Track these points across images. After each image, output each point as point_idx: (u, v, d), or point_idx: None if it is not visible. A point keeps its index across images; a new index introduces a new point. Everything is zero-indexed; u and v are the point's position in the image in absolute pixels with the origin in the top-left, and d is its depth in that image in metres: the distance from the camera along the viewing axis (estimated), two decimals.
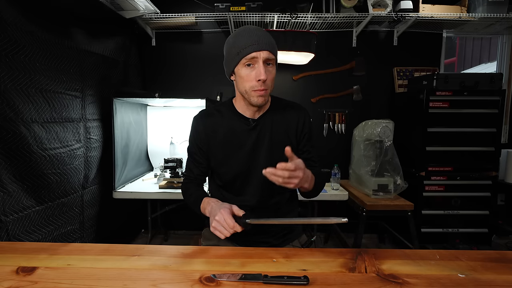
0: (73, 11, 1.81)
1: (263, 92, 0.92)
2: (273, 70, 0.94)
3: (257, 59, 0.90)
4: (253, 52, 0.89)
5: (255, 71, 0.91)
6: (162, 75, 2.77)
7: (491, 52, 4.68)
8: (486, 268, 0.74)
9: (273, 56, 0.93)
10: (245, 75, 0.92)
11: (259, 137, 1.02)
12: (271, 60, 0.92)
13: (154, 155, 2.74)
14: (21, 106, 1.40)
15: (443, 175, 2.28)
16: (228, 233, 0.85)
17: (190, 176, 1.11)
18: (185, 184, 1.12)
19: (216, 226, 0.86)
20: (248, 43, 0.89)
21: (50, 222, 1.62)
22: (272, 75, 0.94)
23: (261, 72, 0.89)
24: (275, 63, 0.96)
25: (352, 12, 2.40)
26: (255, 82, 0.91)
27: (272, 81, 0.95)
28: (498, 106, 2.22)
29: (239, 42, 0.91)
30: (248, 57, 0.90)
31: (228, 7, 2.39)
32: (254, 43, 0.89)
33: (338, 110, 2.74)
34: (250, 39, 0.90)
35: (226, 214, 0.85)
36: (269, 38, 0.92)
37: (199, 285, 0.67)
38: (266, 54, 0.90)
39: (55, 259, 0.79)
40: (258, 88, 0.91)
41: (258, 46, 0.89)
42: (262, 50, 0.89)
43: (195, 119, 1.07)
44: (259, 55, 0.89)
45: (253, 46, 0.89)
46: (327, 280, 0.68)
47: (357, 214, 2.20)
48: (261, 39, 0.90)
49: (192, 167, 1.10)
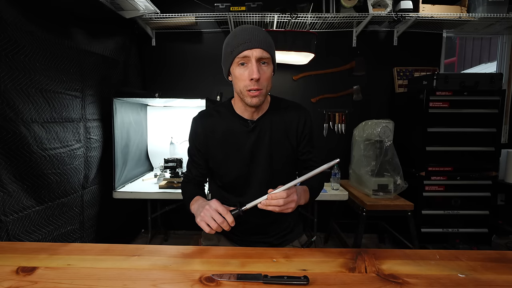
0: (73, 11, 1.81)
1: (257, 93, 0.89)
2: (268, 69, 0.91)
3: (249, 57, 0.88)
4: (245, 51, 0.87)
5: (248, 70, 0.88)
6: (162, 75, 2.77)
7: (491, 52, 4.68)
8: (486, 268, 0.74)
9: (268, 55, 0.90)
10: (239, 74, 0.90)
11: (258, 139, 1.01)
12: (265, 58, 0.89)
13: (154, 155, 2.74)
14: (21, 106, 1.40)
15: (443, 175, 2.28)
16: (215, 224, 0.83)
17: (188, 176, 1.11)
18: (184, 183, 1.13)
19: (204, 215, 0.84)
20: (240, 41, 0.88)
21: (50, 222, 1.62)
22: (267, 74, 0.91)
23: (254, 71, 0.87)
24: (271, 62, 0.93)
25: (352, 12, 2.40)
26: (248, 81, 0.88)
27: (268, 80, 0.92)
28: (498, 106, 2.22)
29: (233, 41, 0.90)
30: (241, 56, 0.88)
31: (228, 7, 2.39)
32: (247, 41, 0.87)
33: (338, 110, 2.74)
34: (243, 37, 0.88)
35: (216, 203, 0.85)
36: (264, 36, 0.90)
37: (199, 285, 0.67)
38: (259, 52, 0.87)
39: (55, 259, 0.79)
40: (252, 88, 0.89)
41: (251, 44, 0.87)
42: (254, 48, 0.87)
43: (194, 120, 1.07)
44: (252, 53, 0.87)
45: (245, 45, 0.87)
46: (327, 280, 0.68)
47: (357, 214, 2.20)
48: (254, 37, 0.87)
49: (191, 167, 1.10)
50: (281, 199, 0.81)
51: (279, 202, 0.81)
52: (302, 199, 0.92)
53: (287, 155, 1.04)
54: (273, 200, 0.81)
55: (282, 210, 0.83)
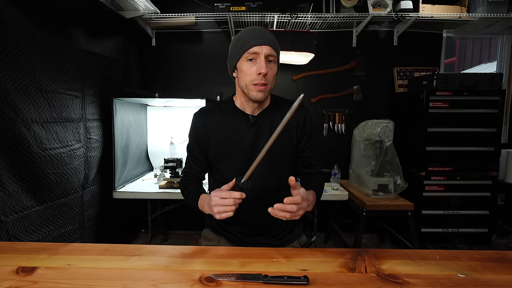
0: (73, 11, 1.80)
1: (263, 88, 0.94)
2: (274, 67, 0.96)
3: (259, 54, 0.92)
4: (256, 46, 0.91)
5: (256, 66, 0.93)
6: (162, 75, 2.77)
7: (491, 52, 4.68)
8: (486, 268, 0.74)
9: (275, 53, 0.95)
10: (247, 69, 0.94)
11: (258, 134, 1.02)
12: (272, 57, 0.94)
13: (154, 155, 2.74)
14: (21, 106, 1.40)
15: (443, 175, 2.28)
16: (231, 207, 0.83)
17: (188, 173, 1.11)
18: (184, 181, 1.12)
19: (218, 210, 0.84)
20: (251, 37, 0.92)
21: (50, 222, 1.62)
22: (273, 71, 0.96)
23: (262, 66, 0.91)
24: (277, 62, 0.98)
25: (352, 12, 2.40)
26: (256, 75, 0.93)
27: (273, 78, 0.97)
28: (498, 106, 2.22)
29: (243, 37, 0.94)
30: (251, 51, 0.92)
31: (228, 7, 2.39)
32: (258, 38, 0.92)
33: (338, 110, 2.74)
34: (254, 34, 0.93)
35: (217, 192, 0.85)
36: (273, 37, 0.95)
37: (199, 285, 0.67)
38: (268, 49, 0.92)
39: (55, 259, 0.79)
40: (259, 82, 0.93)
41: (261, 41, 0.92)
42: (264, 44, 0.92)
43: (195, 116, 1.08)
44: (261, 49, 0.92)
45: (256, 41, 0.92)
46: (327, 280, 0.68)
47: (357, 214, 2.20)
48: (265, 36, 0.93)
49: (191, 163, 1.10)
50: (295, 205, 0.81)
51: (293, 207, 0.81)
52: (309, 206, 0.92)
53: (287, 150, 1.05)
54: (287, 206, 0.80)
55: (292, 217, 0.83)
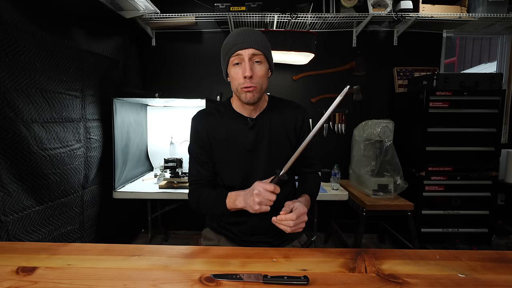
0: (73, 11, 1.80)
1: (251, 89, 0.93)
2: (261, 67, 0.95)
3: (242, 57, 0.92)
4: (239, 51, 0.92)
5: (241, 69, 0.93)
6: (162, 75, 2.77)
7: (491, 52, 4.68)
8: (486, 268, 0.74)
9: (260, 53, 0.93)
10: (234, 73, 0.95)
11: (258, 136, 1.02)
12: (258, 57, 0.93)
13: (154, 155, 2.74)
14: (21, 106, 1.40)
15: (443, 175, 2.28)
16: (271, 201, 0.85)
17: (199, 180, 1.05)
18: (195, 190, 1.04)
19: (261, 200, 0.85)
20: (234, 42, 0.93)
21: (50, 222, 1.62)
22: (261, 72, 0.95)
23: (246, 69, 0.91)
24: (265, 61, 0.96)
25: (352, 12, 2.40)
26: (242, 79, 0.93)
27: (262, 78, 0.95)
28: (498, 106, 2.22)
29: (228, 43, 0.95)
30: (235, 55, 0.93)
31: (228, 7, 2.39)
32: (240, 42, 0.92)
33: (338, 110, 2.74)
34: (237, 39, 0.93)
35: (261, 183, 0.86)
36: (258, 37, 0.94)
37: (199, 285, 0.67)
38: (252, 51, 0.92)
39: (55, 259, 0.79)
40: (245, 85, 0.93)
41: (243, 45, 0.91)
42: (246, 48, 0.91)
43: (194, 119, 1.07)
44: (244, 52, 0.92)
45: (238, 45, 0.92)
46: (327, 280, 0.68)
47: (357, 214, 2.20)
48: (248, 39, 0.92)
49: (199, 169, 1.05)
50: (291, 221, 0.84)
51: (289, 223, 0.84)
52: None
53: (286, 152, 1.04)
54: (283, 221, 0.85)
55: (293, 231, 0.86)
